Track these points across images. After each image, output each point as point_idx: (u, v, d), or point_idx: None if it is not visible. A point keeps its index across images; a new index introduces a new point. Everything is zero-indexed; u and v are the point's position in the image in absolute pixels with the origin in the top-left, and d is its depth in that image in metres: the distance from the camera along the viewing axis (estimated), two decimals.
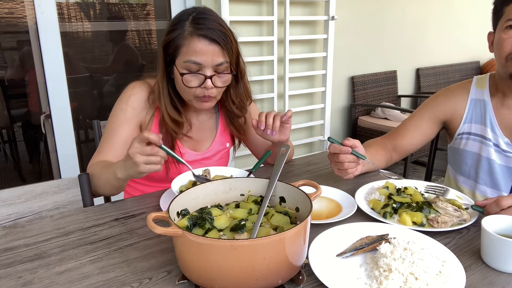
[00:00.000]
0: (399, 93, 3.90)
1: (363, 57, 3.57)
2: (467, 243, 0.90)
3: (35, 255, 0.85)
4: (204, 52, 1.11)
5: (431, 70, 4.18)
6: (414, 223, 0.96)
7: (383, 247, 0.78)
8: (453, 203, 1.01)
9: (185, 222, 0.78)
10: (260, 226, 0.77)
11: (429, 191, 1.13)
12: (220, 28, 1.13)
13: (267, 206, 0.83)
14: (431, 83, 4.17)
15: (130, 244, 0.89)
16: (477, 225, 0.93)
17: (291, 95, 3.04)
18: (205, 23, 1.11)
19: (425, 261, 0.74)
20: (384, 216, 0.99)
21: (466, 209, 1.00)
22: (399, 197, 1.04)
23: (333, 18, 3.00)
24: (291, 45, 2.94)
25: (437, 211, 0.97)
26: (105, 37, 3.55)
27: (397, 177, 1.22)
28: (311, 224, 0.81)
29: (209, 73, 1.13)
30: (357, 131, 3.53)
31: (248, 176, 1.15)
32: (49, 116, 2.32)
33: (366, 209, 1.03)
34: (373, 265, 0.77)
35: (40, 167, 3.49)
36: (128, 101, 1.23)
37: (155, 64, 1.22)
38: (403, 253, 0.76)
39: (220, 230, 0.78)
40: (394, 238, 0.84)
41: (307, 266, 0.77)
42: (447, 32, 4.22)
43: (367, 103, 3.59)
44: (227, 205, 0.89)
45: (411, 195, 1.06)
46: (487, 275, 0.78)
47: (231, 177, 1.00)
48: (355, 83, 3.49)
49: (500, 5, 1.19)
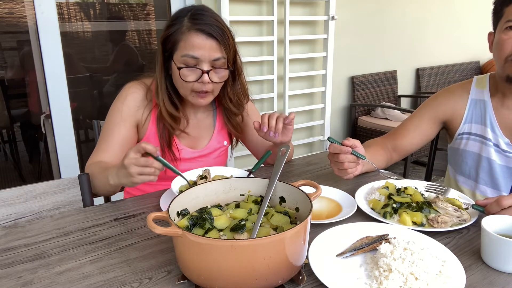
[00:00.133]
0: (399, 93, 3.90)
1: (363, 57, 3.57)
2: (467, 243, 0.90)
3: (35, 255, 0.85)
4: (201, 46, 1.12)
5: (431, 70, 4.18)
6: (414, 223, 0.96)
7: (383, 247, 0.78)
8: (453, 203, 1.01)
9: (185, 222, 0.78)
10: (260, 226, 0.77)
11: (430, 190, 1.13)
12: (217, 24, 1.15)
13: (267, 206, 0.83)
14: (431, 83, 4.17)
15: (130, 244, 0.89)
16: (477, 225, 0.93)
17: (291, 95, 3.04)
18: (203, 18, 1.13)
19: (425, 261, 0.74)
20: (384, 216, 0.99)
21: (466, 209, 1.00)
22: (399, 197, 1.04)
23: (333, 18, 3.00)
24: (291, 45, 2.94)
25: (437, 211, 0.97)
26: (105, 37, 3.55)
27: (397, 177, 1.22)
28: (311, 224, 0.81)
29: (206, 67, 1.15)
30: (357, 131, 3.53)
31: (248, 176, 1.15)
32: (49, 116, 2.32)
33: (366, 209, 1.03)
34: (373, 265, 0.77)
35: (40, 167, 3.49)
36: (124, 101, 1.24)
37: (154, 63, 1.23)
38: (403, 253, 0.76)
39: (220, 230, 0.78)
40: (394, 238, 0.84)
41: (307, 266, 0.77)
42: (447, 32, 4.22)
43: (367, 103, 3.59)
44: (227, 205, 0.89)
45: (411, 195, 1.06)
46: (487, 275, 0.78)
47: (231, 177, 1.00)
48: (355, 83, 3.49)
49: (500, 6, 1.19)
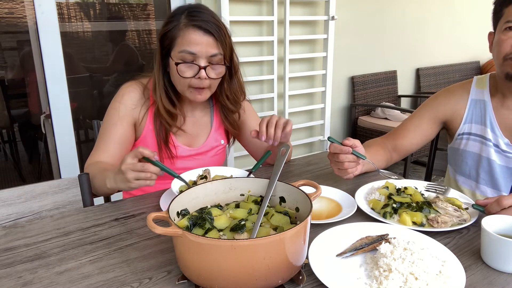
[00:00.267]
0: (399, 93, 3.90)
1: (363, 57, 3.57)
2: (467, 243, 0.90)
3: (35, 255, 0.85)
4: (198, 42, 1.14)
5: (431, 70, 4.17)
6: (414, 223, 0.96)
7: (383, 247, 0.78)
8: (453, 202, 1.01)
9: (185, 222, 0.78)
10: (260, 226, 0.77)
11: (430, 190, 1.13)
12: (214, 21, 1.17)
13: (267, 206, 0.83)
14: (431, 83, 4.17)
15: (130, 244, 0.89)
16: (477, 225, 0.93)
17: (291, 95, 3.04)
18: (200, 15, 1.15)
19: (425, 261, 0.74)
20: (384, 216, 0.99)
21: (466, 209, 1.00)
22: (399, 197, 1.04)
23: (333, 18, 3.00)
24: (291, 45, 2.93)
25: (437, 211, 0.97)
26: (105, 37, 3.55)
27: (397, 177, 1.22)
28: (311, 224, 0.81)
29: (203, 63, 1.16)
30: (357, 131, 3.53)
31: (248, 176, 1.16)
32: (49, 116, 2.32)
33: (366, 209, 1.03)
34: (373, 265, 0.77)
35: (40, 167, 3.49)
36: (121, 100, 1.26)
37: (153, 62, 1.25)
38: (403, 253, 0.76)
39: (220, 230, 0.78)
40: (394, 238, 0.84)
41: (307, 266, 0.77)
42: (447, 32, 4.22)
43: (367, 103, 3.58)
44: (227, 205, 0.89)
45: (411, 195, 1.06)
46: (487, 275, 0.78)
47: (231, 177, 1.00)
48: (355, 83, 3.49)
49: (499, 6, 1.19)
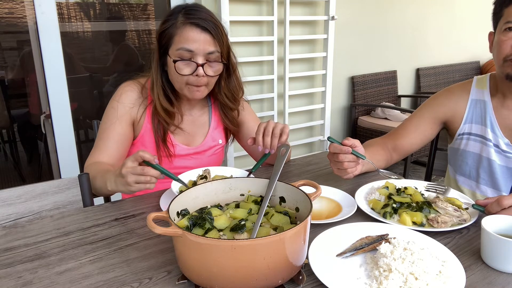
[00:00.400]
0: (399, 93, 3.90)
1: (363, 57, 3.57)
2: (467, 243, 0.90)
3: (35, 255, 0.85)
4: (196, 39, 1.15)
5: (431, 70, 4.17)
6: (414, 223, 0.96)
7: (383, 247, 0.78)
8: (453, 202, 1.01)
9: (185, 222, 0.78)
10: (260, 226, 0.77)
11: (430, 190, 1.13)
12: (211, 19, 1.18)
13: (267, 206, 0.83)
14: (431, 83, 4.17)
15: (130, 244, 0.89)
16: (477, 225, 0.93)
17: (291, 95, 3.04)
18: (197, 13, 1.17)
19: (425, 261, 0.74)
20: (384, 216, 0.99)
21: (466, 209, 1.00)
22: (399, 197, 1.04)
23: (333, 18, 3.00)
24: (291, 45, 2.93)
25: (437, 211, 0.97)
26: (105, 37, 3.55)
27: (397, 177, 1.22)
28: (311, 224, 0.81)
29: (200, 61, 1.17)
30: (357, 131, 3.53)
31: (248, 176, 1.16)
32: (49, 116, 2.32)
33: (366, 209, 1.03)
34: (373, 265, 0.77)
35: (40, 167, 3.49)
36: (119, 99, 1.26)
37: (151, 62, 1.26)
38: (403, 253, 0.76)
39: (220, 230, 0.78)
40: (394, 238, 0.84)
41: (307, 266, 0.77)
42: (447, 32, 4.22)
43: (367, 103, 3.58)
44: (227, 205, 0.89)
45: (411, 195, 1.06)
46: (487, 275, 0.78)
47: (231, 177, 1.00)
48: (355, 83, 3.49)
49: (499, 7, 1.19)
